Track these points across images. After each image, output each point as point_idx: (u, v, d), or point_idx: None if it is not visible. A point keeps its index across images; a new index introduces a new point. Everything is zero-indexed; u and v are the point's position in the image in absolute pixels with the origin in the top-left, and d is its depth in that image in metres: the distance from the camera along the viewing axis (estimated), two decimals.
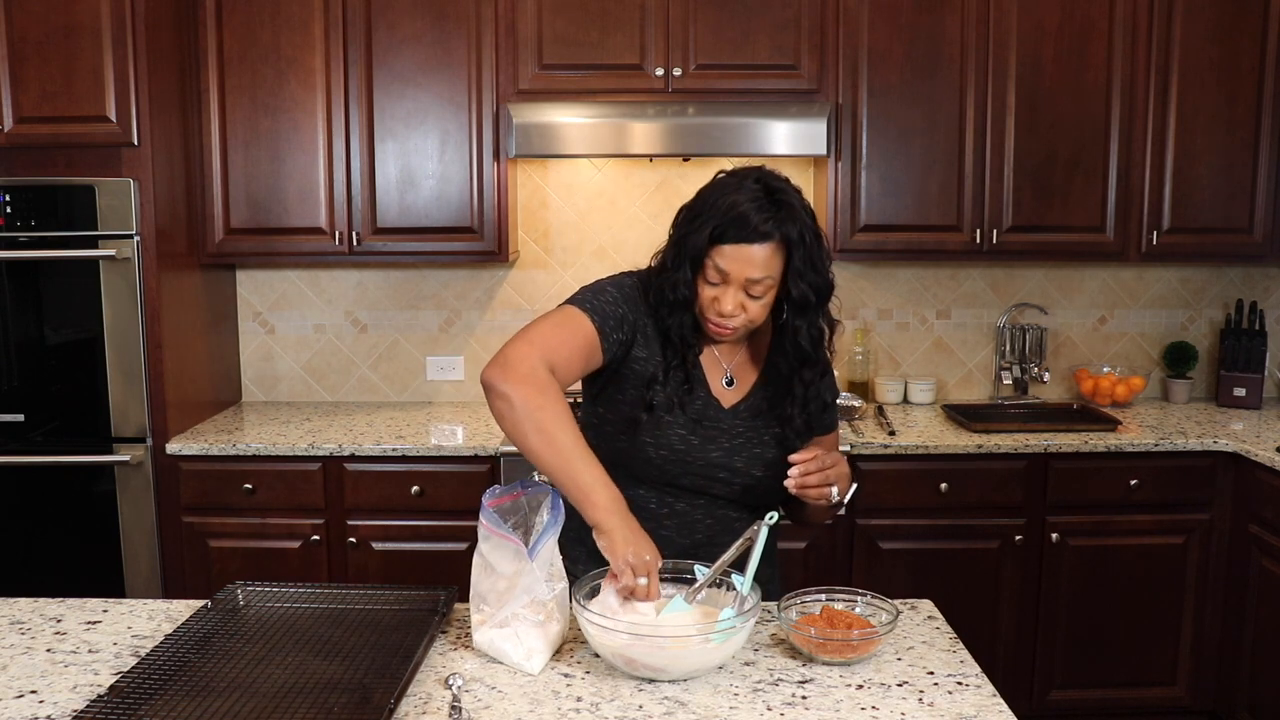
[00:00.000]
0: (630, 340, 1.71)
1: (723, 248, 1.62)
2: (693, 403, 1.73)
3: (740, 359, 1.81)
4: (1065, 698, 3.19)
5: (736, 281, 1.63)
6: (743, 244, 1.61)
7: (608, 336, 1.67)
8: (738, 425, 1.75)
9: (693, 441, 1.72)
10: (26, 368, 3.02)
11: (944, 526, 3.08)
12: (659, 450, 1.71)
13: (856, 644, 1.52)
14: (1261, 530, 2.96)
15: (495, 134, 3.23)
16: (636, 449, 1.72)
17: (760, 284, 1.64)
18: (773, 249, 1.62)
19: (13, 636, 1.65)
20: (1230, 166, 3.30)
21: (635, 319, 1.71)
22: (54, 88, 2.92)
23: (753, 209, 1.60)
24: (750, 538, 1.56)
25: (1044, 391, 3.69)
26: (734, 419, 1.76)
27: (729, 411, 1.76)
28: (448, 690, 1.43)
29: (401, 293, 3.66)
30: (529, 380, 1.56)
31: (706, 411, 1.74)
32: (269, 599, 1.73)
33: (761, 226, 1.60)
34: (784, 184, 1.66)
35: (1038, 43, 3.23)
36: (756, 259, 1.61)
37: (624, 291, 1.73)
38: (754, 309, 1.66)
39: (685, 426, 1.72)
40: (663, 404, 1.70)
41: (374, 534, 3.07)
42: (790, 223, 1.62)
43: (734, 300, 1.64)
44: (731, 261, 1.62)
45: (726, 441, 1.74)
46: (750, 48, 3.20)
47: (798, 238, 1.62)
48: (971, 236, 3.30)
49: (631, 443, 1.72)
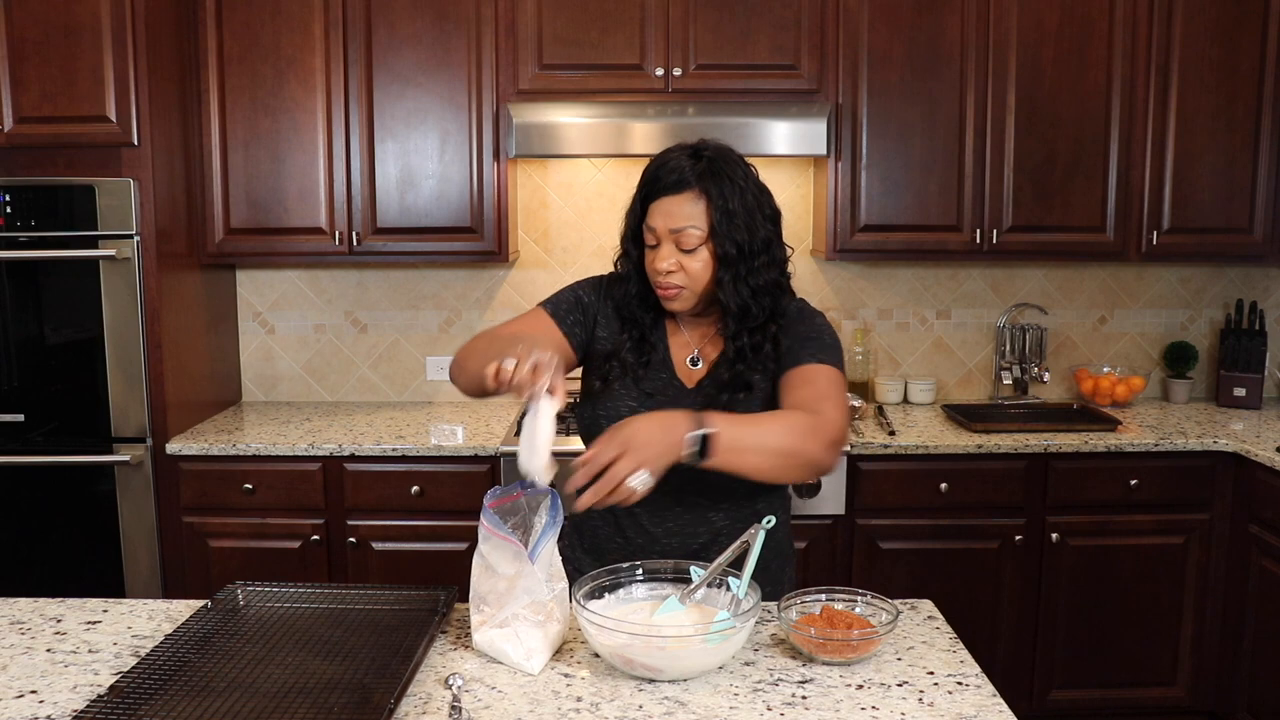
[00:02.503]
0: (590, 323, 1.82)
1: (651, 206, 1.72)
2: (651, 378, 1.77)
3: (707, 338, 1.82)
4: (1065, 698, 3.19)
5: (667, 237, 1.70)
6: (664, 196, 1.70)
7: (563, 320, 1.79)
8: (697, 403, 1.74)
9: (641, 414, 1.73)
10: (26, 368, 3.02)
11: (944, 526, 3.08)
12: (609, 421, 1.70)
13: (856, 644, 1.52)
14: (1261, 530, 2.97)
15: (495, 134, 3.23)
16: (592, 422, 1.78)
17: (686, 234, 1.68)
18: (692, 198, 1.68)
19: (13, 636, 1.65)
20: (1230, 166, 3.30)
21: (593, 302, 1.83)
22: (54, 88, 2.92)
23: (672, 164, 1.70)
24: (747, 540, 1.57)
25: (1044, 391, 3.69)
26: (696, 395, 1.77)
27: (691, 390, 1.78)
28: (448, 690, 1.43)
29: (401, 293, 3.66)
30: (458, 355, 1.74)
31: (665, 390, 1.77)
32: (269, 599, 1.73)
33: (679, 177, 1.68)
34: (715, 146, 1.72)
35: (1038, 43, 3.23)
36: (676, 210, 1.68)
37: (587, 283, 1.87)
38: (692, 266, 1.70)
39: (636, 399, 1.76)
40: (617, 375, 1.76)
41: (374, 534, 3.07)
42: (711, 176, 1.68)
43: (668, 256, 1.70)
44: (657, 216, 1.70)
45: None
46: (750, 48, 3.20)
47: (718, 190, 1.67)
48: (971, 236, 3.30)
49: (590, 415, 1.79)
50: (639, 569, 1.63)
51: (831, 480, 3.00)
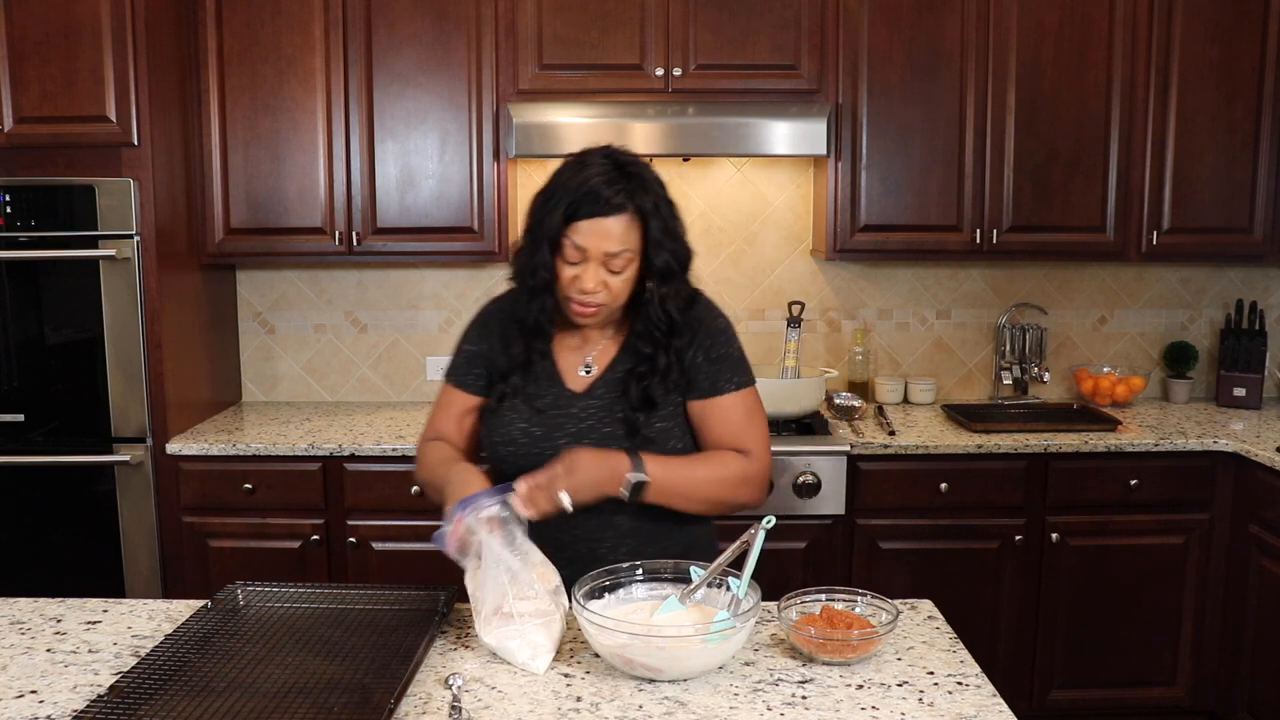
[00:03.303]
0: (488, 364, 1.82)
1: (578, 224, 1.64)
2: (540, 395, 1.77)
3: (601, 346, 1.81)
4: (1065, 698, 3.19)
5: (596, 257, 1.66)
6: (597, 218, 1.64)
7: (467, 384, 1.84)
8: (590, 407, 1.75)
9: (535, 433, 1.75)
10: (26, 368, 3.02)
11: (944, 526, 3.08)
12: (505, 446, 1.76)
13: (856, 644, 1.52)
14: (1261, 530, 2.96)
15: (495, 134, 3.23)
16: (490, 448, 1.80)
17: (619, 257, 1.66)
18: (628, 220, 1.65)
19: (13, 636, 1.65)
20: (1230, 166, 3.30)
21: (480, 350, 1.84)
22: (54, 88, 2.92)
23: (603, 183, 1.64)
24: (747, 540, 1.57)
25: (1044, 391, 3.69)
26: (587, 400, 1.76)
27: (581, 395, 1.77)
28: (448, 690, 1.43)
29: (401, 293, 3.66)
30: (417, 462, 1.86)
31: (556, 404, 1.76)
32: (269, 599, 1.73)
33: (614, 199, 1.63)
34: (633, 159, 1.71)
35: (1038, 43, 3.23)
36: (613, 232, 1.65)
37: (470, 334, 1.87)
38: (615, 285, 1.68)
39: (527, 419, 1.76)
40: (509, 394, 1.77)
41: (374, 534, 3.07)
42: (642, 193, 1.66)
43: (594, 277, 1.67)
44: (588, 237, 1.64)
45: (573, 427, 1.75)
46: (750, 48, 3.20)
47: (651, 208, 1.66)
48: (971, 236, 3.30)
49: (487, 438, 1.80)
50: (639, 569, 1.63)
51: (831, 480, 3.00)
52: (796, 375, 3.25)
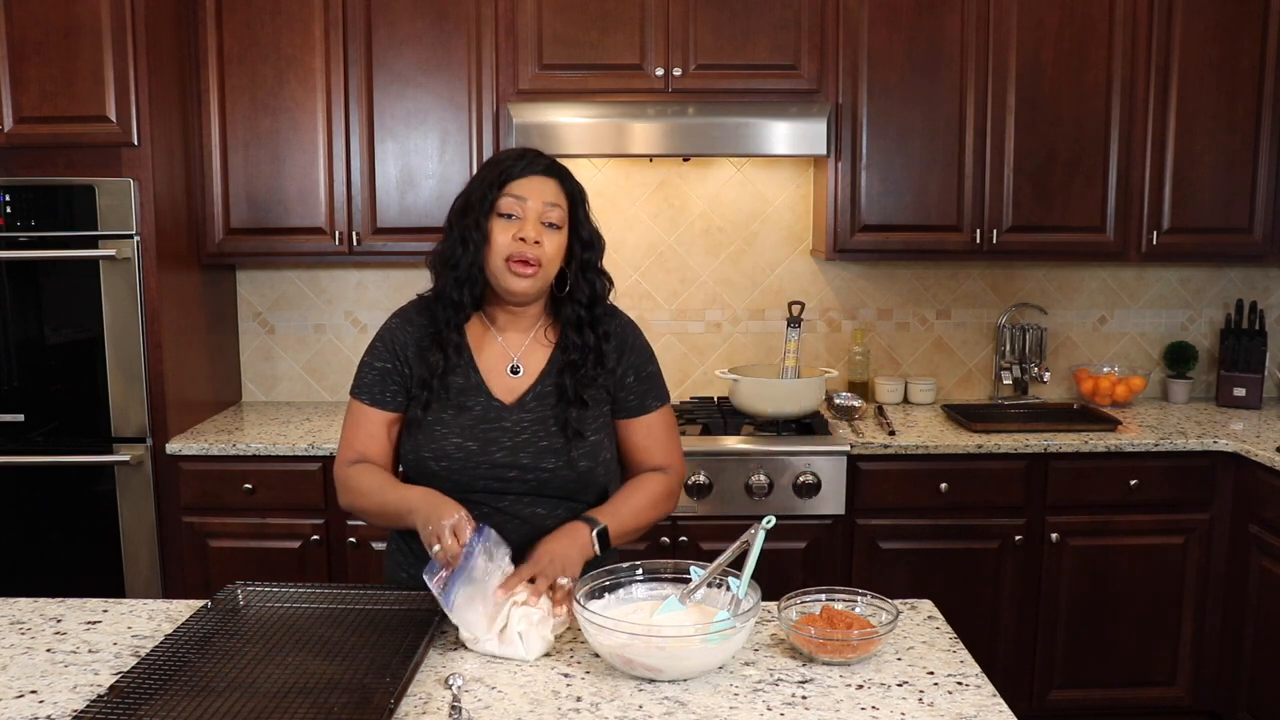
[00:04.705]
0: (403, 378, 1.80)
1: (515, 182, 1.73)
2: (468, 406, 1.75)
3: (524, 348, 1.81)
4: (1065, 698, 3.19)
5: (534, 209, 1.72)
6: (533, 175, 1.74)
7: (386, 403, 1.80)
8: (523, 419, 1.75)
9: (470, 447, 1.74)
10: (26, 368, 3.02)
11: (944, 526, 3.08)
12: (439, 461, 1.74)
13: (856, 644, 1.52)
14: (1261, 530, 2.96)
15: (495, 134, 3.23)
16: (416, 460, 1.77)
17: (555, 211, 1.73)
18: (557, 187, 1.75)
19: (13, 636, 1.65)
20: (1230, 166, 3.30)
21: (393, 366, 1.80)
22: (54, 88, 2.92)
23: (532, 152, 1.77)
24: (747, 540, 1.57)
25: (1044, 391, 3.69)
26: (519, 414, 1.76)
27: (513, 406, 1.76)
28: (448, 690, 1.43)
29: (401, 293, 3.66)
30: (339, 485, 1.81)
31: (485, 416, 1.75)
32: (269, 599, 1.72)
33: (545, 161, 1.76)
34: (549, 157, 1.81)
35: (1038, 43, 3.23)
36: (548, 187, 1.74)
37: (378, 351, 1.82)
38: (550, 247, 1.72)
39: (460, 434, 1.74)
40: (432, 402, 1.75)
41: (374, 534, 3.06)
42: (569, 175, 1.78)
43: (535, 226, 1.71)
44: (526, 188, 1.72)
45: (508, 440, 1.74)
46: (750, 48, 3.20)
47: (577, 190, 1.78)
48: (971, 236, 3.30)
49: (414, 452, 1.77)
50: (639, 569, 1.63)
51: (831, 480, 3.00)
52: (796, 375, 3.25)
